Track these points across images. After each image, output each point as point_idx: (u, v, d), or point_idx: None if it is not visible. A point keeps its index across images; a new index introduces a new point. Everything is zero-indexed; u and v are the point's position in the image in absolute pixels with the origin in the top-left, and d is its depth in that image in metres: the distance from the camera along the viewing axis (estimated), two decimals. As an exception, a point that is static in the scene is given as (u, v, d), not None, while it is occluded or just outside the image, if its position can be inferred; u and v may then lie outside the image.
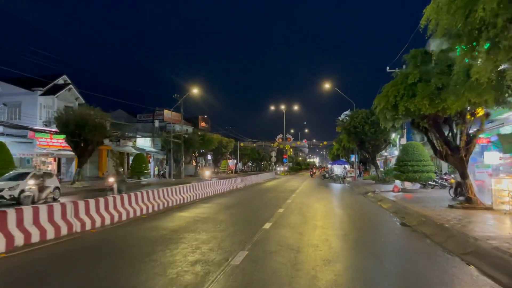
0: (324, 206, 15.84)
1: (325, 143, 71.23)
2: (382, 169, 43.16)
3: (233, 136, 70.96)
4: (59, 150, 29.77)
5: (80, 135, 24.72)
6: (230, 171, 63.33)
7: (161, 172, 42.54)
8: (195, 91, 41.34)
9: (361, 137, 29.20)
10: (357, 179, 35.26)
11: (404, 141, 26.04)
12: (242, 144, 70.59)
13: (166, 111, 48.74)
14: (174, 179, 37.66)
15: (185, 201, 16.69)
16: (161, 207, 14.01)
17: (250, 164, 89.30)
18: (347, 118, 31.56)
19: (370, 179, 36.25)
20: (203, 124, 63.40)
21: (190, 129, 51.86)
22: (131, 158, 38.39)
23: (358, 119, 28.89)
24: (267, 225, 10.63)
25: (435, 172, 22.27)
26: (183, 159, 43.29)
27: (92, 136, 24.89)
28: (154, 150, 44.59)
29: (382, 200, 16.95)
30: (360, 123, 28.64)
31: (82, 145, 25.45)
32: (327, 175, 43.21)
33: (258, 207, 15.60)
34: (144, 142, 43.34)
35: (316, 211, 14.15)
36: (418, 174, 20.29)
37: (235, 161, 70.34)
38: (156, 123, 45.20)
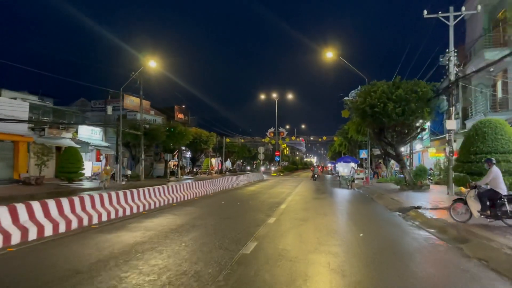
0: (339, 267, 6.13)
1: (324, 138, 61.67)
2: (395, 169, 33.53)
3: (220, 132, 61.29)
4: None
5: None
6: (212, 171, 53.57)
7: (112, 172, 32.69)
8: (152, 64, 31.55)
9: (382, 121, 19.57)
10: (370, 181, 25.62)
11: (452, 124, 16.51)
12: (228, 140, 60.84)
13: (127, 97, 38.92)
14: (123, 183, 27.93)
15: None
16: None
17: (241, 163, 79.52)
18: (358, 97, 21.88)
19: (386, 182, 26.61)
20: (180, 115, 53.64)
21: (159, 119, 42.10)
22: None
23: (377, 94, 19.26)
24: None
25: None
26: (143, 155, 33.52)
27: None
28: (105, 144, 34.77)
29: (472, 244, 7.30)
30: (381, 101, 19.01)
31: None
32: (316, 176, 35.63)
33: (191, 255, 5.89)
34: (91, 134, 33.54)
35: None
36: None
37: (221, 160, 60.62)
38: (110, 110, 35.30)
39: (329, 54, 26.22)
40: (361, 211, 13.46)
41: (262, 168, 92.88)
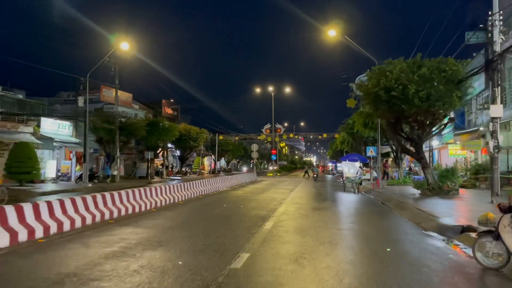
0: None
1: (325, 135, 57.40)
2: (405, 170, 29.57)
3: (213, 129, 57.10)
4: None
5: None
6: (203, 170, 49.38)
7: (81, 172, 28.54)
8: (125, 46, 27.37)
9: (399, 109, 15.37)
10: (381, 184, 21.44)
11: (498, 110, 12.35)
12: (221, 138, 56.60)
13: (106, 89, 34.66)
14: (90, 185, 23.79)
15: None
16: None
17: (236, 163, 75.23)
18: (369, 79, 17.61)
19: (399, 184, 22.51)
20: (168, 110, 49.42)
21: (142, 114, 37.91)
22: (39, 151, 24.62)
23: (394, 74, 15.02)
24: None
25: None
26: (118, 153, 29.32)
27: None
28: (74, 140, 30.56)
29: None
30: (399, 82, 14.80)
31: None
32: (307, 175, 32.96)
33: None
34: (58, 129, 29.31)
35: None
36: None
37: (214, 159, 56.46)
38: (81, 102, 30.96)
39: (332, 33, 22.02)
40: (383, 232, 9.28)
41: (261, 167, 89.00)
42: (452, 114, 21.20)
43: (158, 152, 38.64)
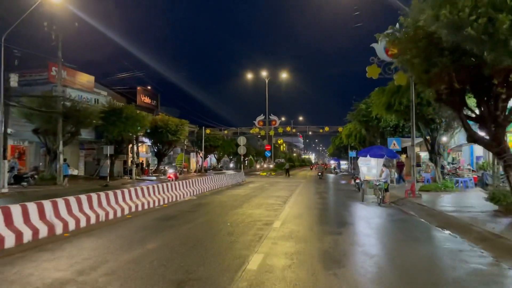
0: None
1: (326, 129, 50.42)
2: (448, 168, 22.72)
3: (199, 122, 50.19)
4: None
5: None
6: (185, 169, 42.41)
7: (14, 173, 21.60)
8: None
9: (476, 62, 8.47)
10: (416, 191, 14.50)
11: None
12: (208, 131, 49.67)
13: (53, 66, 27.53)
14: (7, 190, 16.95)
15: None
16: None
17: (229, 160, 68.18)
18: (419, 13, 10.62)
19: (438, 189, 15.75)
20: (145, 99, 42.34)
21: (104, 100, 30.87)
22: None
23: (467, -2, 8.06)
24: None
25: None
26: (61, 147, 22.37)
27: None
28: None
29: None
30: (479, 12, 7.84)
31: None
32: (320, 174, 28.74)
33: None
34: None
35: None
36: None
37: (200, 156, 49.58)
38: (14, 81, 23.91)
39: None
40: None
41: (256, 165, 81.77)
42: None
43: (125, 147, 31.79)
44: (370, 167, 14.91)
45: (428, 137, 17.32)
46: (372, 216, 11.12)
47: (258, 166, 75.60)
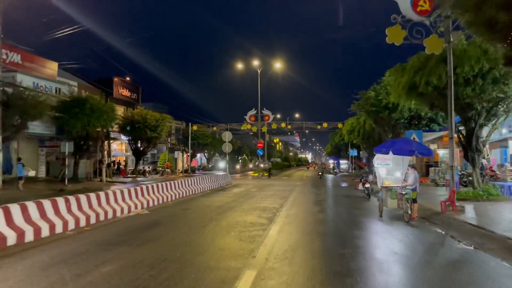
0: None
1: (325, 125, 46.16)
2: (458, 170, 18.68)
3: (187, 118, 45.80)
4: None
5: None
6: (168, 169, 38.00)
7: None
8: None
9: None
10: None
11: None
12: (195, 128, 45.32)
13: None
14: None
15: None
16: None
17: (221, 159, 63.70)
18: None
19: (480, 198, 11.53)
20: (123, 91, 37.79)
21: (66, 89, 26.42)
22: None
23: None
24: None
25: None
26: (0, 144, 17.99)
27: None
28: None
29: None
30: None
31: None
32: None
33: None
34: None
35: None
36: None
37: (187, 155, 45.25)
38: None
39: None
40: None
41: (251, 164, 77.31)
42: None
43: (93, 144, 27.41)
44: (391, 169, 10.67)
45: (462, 129, 13.14)
46: (410, 251, 6.89)
47: (251, 166, 71.29)
